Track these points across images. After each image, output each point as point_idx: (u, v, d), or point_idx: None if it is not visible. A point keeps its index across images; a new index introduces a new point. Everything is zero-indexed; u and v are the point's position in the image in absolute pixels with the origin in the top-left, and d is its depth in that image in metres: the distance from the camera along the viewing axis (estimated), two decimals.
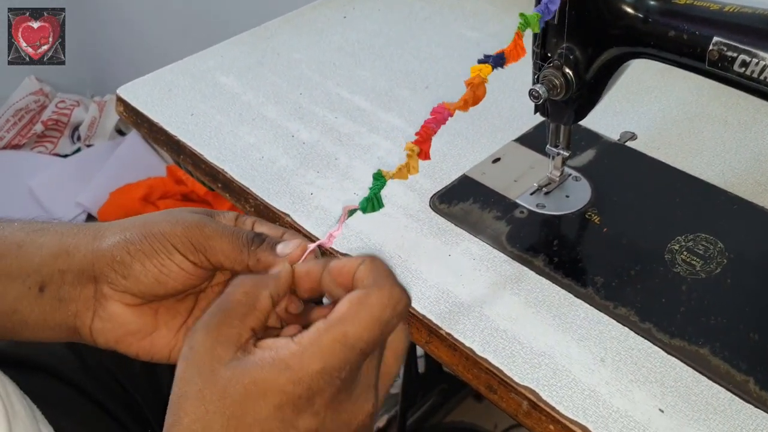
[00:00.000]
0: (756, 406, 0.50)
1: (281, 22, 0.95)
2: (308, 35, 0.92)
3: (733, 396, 0.51)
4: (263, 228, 0.45)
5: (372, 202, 0.44)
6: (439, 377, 1.28)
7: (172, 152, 0.78)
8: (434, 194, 0.68)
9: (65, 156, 1.93)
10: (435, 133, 0.46)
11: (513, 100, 0.78)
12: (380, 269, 0.39)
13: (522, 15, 0.49)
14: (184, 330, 0.46)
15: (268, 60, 0.88)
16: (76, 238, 0.44)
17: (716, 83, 0.51)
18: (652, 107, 0.77)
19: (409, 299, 0.38)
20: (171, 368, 0.65)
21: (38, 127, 1.92)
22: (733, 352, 0.53)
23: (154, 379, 0.65)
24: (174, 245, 0.42)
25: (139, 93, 0.82)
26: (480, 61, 0.49)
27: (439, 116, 0.46)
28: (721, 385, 0.52)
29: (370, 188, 0.44)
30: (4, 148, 1.91)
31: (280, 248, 0.42)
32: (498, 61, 0.48)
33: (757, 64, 0.47)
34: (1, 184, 1.78)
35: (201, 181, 0.77)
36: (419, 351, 1.24)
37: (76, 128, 1.97)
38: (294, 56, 0.88)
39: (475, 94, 0.47)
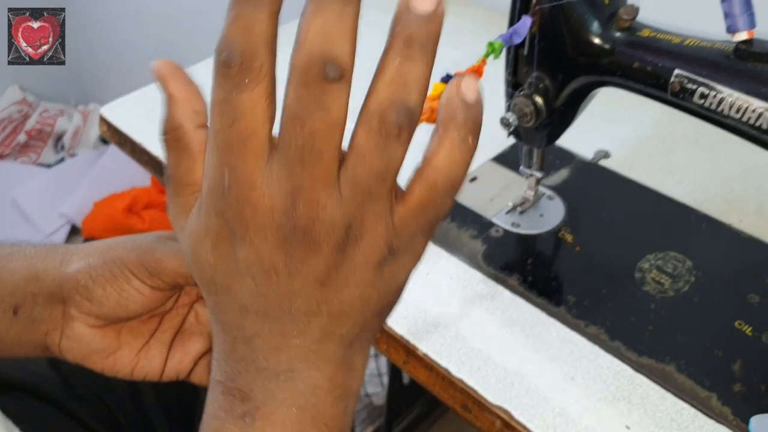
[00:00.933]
0: (718, 421, 0.52)
1: None
2: (289, 50, 0.93)
3: (697, 412, 0.53)
4: None
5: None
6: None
7: (155, 171, 0.80)
8: None
9: (49, 166, 1.93)
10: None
11: (489, 120, 0.79)
12: None
13: (489, 44, 0.51)
14: (145, 351, 0.47)
15: None
16: (44, 263, 0.46)
17: None
18: (625, 126, 0.80)
19: None
20: (155, 389, 0.67)
21: (22, 137, 1.93)
22: (697, 369, 0.56)
23: (138, 399, 0.66)
24: (131, 271, 0.43)
25: (123, 113, 0.83)
26: (443, 80, 0.51)
27: None
28: (686, 401, 0.54)
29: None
30: None
31: None
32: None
33: (714, 96, 0.49)
34: None
35: None
36: None
37: (59, 138, 1.98)
38: (278, 74, 0.90)
39: (433, 114, 0.49)
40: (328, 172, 0.29)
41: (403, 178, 0.33)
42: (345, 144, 0.30)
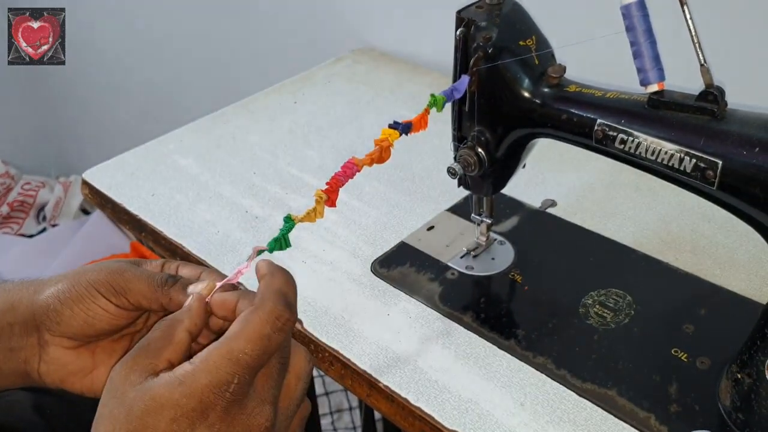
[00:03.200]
0: None
1: (237, 108, 1.03)
2: (261, 119, 1.00)
3: (637, 431, 0.58)
4: (186, 269, 0.51)
5: (280, 242, 0.49)
6: None
7: (134, 230, 0.85)
8: (375, 260, 0.75)
9: (31, 236, 1.96)
10: (343, 185, 0.53)
11: (445, 174, 0.86)
12: (271, 286, 0.44)
13: (432, 96, 0.58)
14: None
15: (224, 143, 0.95)
16: (19, 294, 0.50)
17: None
18: (571, 176, 0.86)
19: (292, 316, 0.43)
20: None
21: (4, 209, 1.97)
22: (637, 393, 0.60)
23: None
24: (98, 290, 0.48)
25: (103, 177, 0.89)
26: (390, 126, 0.57)
27: (348, 171, 0.53)
28: (626, 422, 0.58)
29: (281, 230, 0.50)
30: None
31: (191, 288, 0.48)
32: (405, 128, 0.56)
33: (632, 141, 0.55)
34: None
35: (161, 256, 0.82)
36: (377, 414, 1.28)
37: (41, 209, 2.02)
38: (248, 139, 0.96)
39: (381, 155, 0.55)
40: None
41: (339, 235, 0.38)
42: None
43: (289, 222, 0.50)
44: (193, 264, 0.52)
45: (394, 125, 0.55)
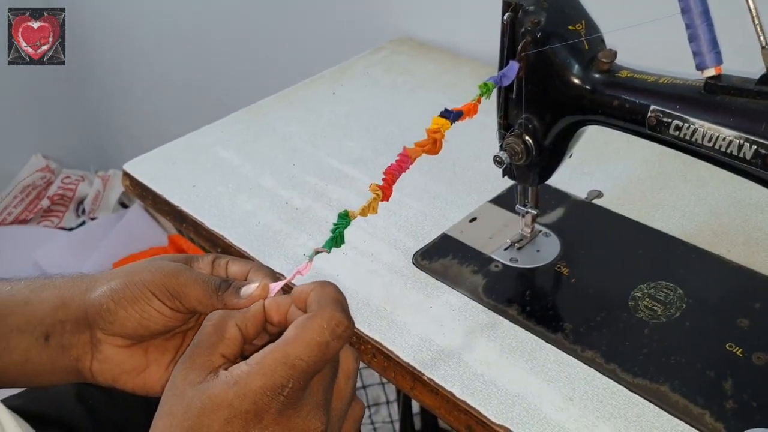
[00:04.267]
0: None
1: (276, 99, 1.02)
2: (301, 110, 1.00)
3: (692, 428, 0.56)
4: (236, 266, 0.50)
5: (336, 240, 0.49)
6: None
7: (174, 221, 0.85)
8: (417, 252, 0.74)
9: (70, 229, 1.99)
10: (397, 179, 0.52)
11: (487, 165, 0.84)
12: (327, 294, 0.43)
13: (484, 84, 0.57)
14: (174, 365, 0.51)
15: (264, 134, 0.95)
16: (71, 291, 0.50)
17: None
18: (617, 167, 0.84)
19: (351, 324, 0.43)
20: None
21: (44, 203, 2.00)
22: (690, 389, 0.58)
23: None
24: (153, 292, 0.47)
25: (144, 168, 0.89)
26: (441, 115, 0.56)
27: (403, 164, 0.52)
28: (680, 419, 0.56)
29: (335, 225, 0.49)
30: (12, 223, 1.98)
31: (243, 291, 0.47)
32: (456, 117, 0.55)
33: (688, 128, 0.53)
34: (8, 257, 1.83)
35: (202, 247, 0.82)
36: (415, 408, 1.27)
37: (80, 202, 2.05)
38: (288, 130, 0.96)
39: (434, 146, 0.54)
40: None
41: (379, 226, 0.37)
42: None
43: (345, 219, 0.49)
44: (241, 260, 0.51)
45: (445, 113, 0.54)
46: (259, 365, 0.40)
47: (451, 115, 0.55)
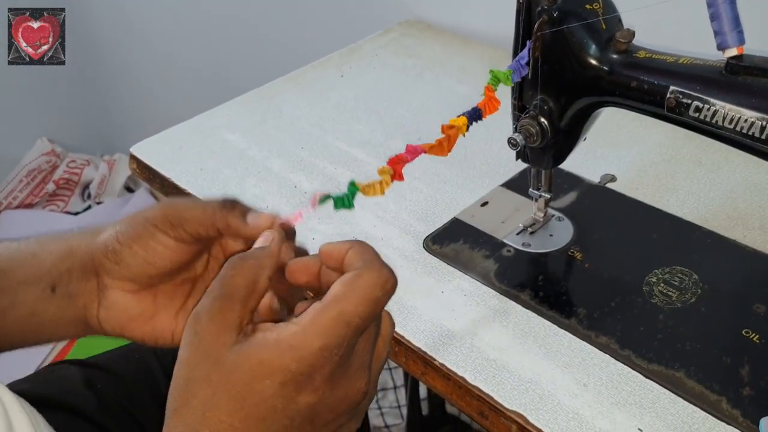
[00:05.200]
0: (728, 423, 0.54)
1: (283, 82, 1.01)
2: (308, 93, 0.98)
3: (707, 415, 0.55)
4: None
5: (344, 200, 0.47)
6: (443, 419, 1.30)
7: None
8: (427, 236, 0.73)
9: (76, 214, 1.98)
10: (408, 161, 0.51)
11: (499, 148, 0.83)
12: (368, 252, 0.42)
13: (492, 72, 0.55)
14: (183, 313, 0.50)
15: (271, 117, 0.94)
16: (78, 239, 0.49)
17: None
18: (630, 151, 0.83)
19: (395, 279, 0.41)
20: None
21: (50, 187, 1.99)
22: (706, 375, 0.57)
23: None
24: (154, 225, 0.46)
25: (151, 151, 0.88)
26: (466, 114, 0.55)
27: (414, 152, 0.51)
28: (696, 405, 0.56)
29: (348, 190, 0.48)
30: (18, 207, 1.97)
31: (250, 218, 0.46)
32: (474, 114, 0.53)
33: (708, 109, 0.52)
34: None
35: None
36: (422, 393, 1.27)
37: (86, 186, 2.04)
38: (295, 113, 0.94)
39: (449, 142, 0.53)
40: None
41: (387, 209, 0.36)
42: None
43: (354, 187, 0.48)
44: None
45: (471, 113, 0.53)
46: (314, 326, 0.38)
47: (469, 115, 0.53)
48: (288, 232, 0.47)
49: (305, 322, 0.38)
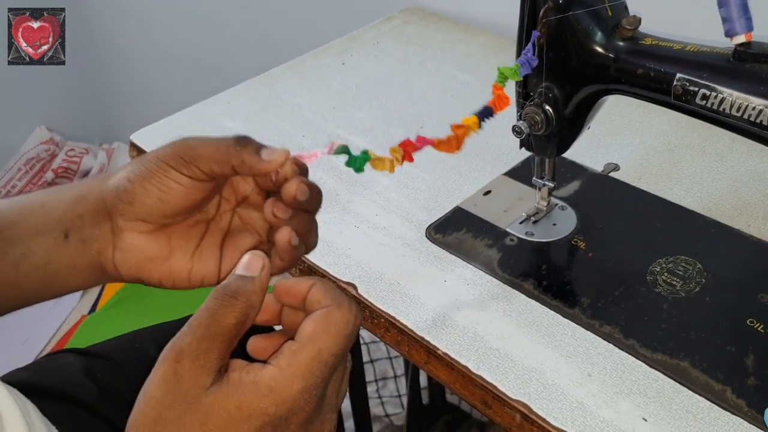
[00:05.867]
0: (733, 413, 0.54)
1: (284, 69, 1.00)
2: (309, 81, 0.98)
3: (712, 404, 0.55)
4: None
5: (356, 161, 0.48)
6: (443, 408, 1.30)
7: None
8: (430, 225, 0.72)
9: None
10: (418, 149, 0.51)
11: (501, 137, 0.82)
12: (333, 288, 0.41)
13: (500, 69, 0.54)
14: (198, 254, 0.49)
15: (272, 105, 0.93)
16: (88, 185, 0.49)
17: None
18: (633, 140, 0.82)
19: (360, 315, 0.41)
20: None
21: (49, 175, 1.98)
22: (711, 364, 0.57)
23: None
24: (167, 163, 0.45)
25: (152, 138, 0.87)
26: (478, 114, 0.54)
27: (423, 142, 0.51)
28: (701, 395, 0.55)
29: (361, 155, 0.49)
30: (16, 195, 1.97)
31: (265, 153, 0.45)
32: (486, 113, 0.53)
33: (715, 97, 0.52)
34: None
35: None
36: (423, 382, 1.27)
37: (85, 175, 2.03)
38: (296, 101, 0.94)
39: (458, 141, 0.52)
40: None
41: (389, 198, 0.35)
42: None
43: (366, 155, 0.48)
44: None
45: (483, 112, 0.52)
46: (294, 367, 0.37)
47: (480, 114, 0.53)
48: (301, 168, 0.47)
49: (283, 363, 0.38)
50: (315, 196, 0.48)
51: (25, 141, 2.01)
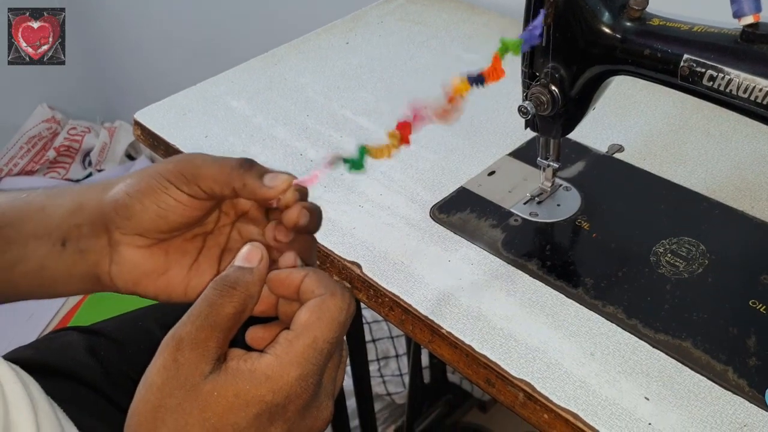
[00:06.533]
0: (734, 393, 0.54)
1: (287, 49, 1.00)
2: (313, 60, 0.97)
3: (714, 384, 0.55)
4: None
5: (356, 163, 0.48)
6: (445, 387, 1.31)
7: None
8: (434, 205, 0.72)
9: (77, 181, 1.98)
10: (416, 127, 0.51)
11: (506, 117, 0.83)
12: (326, 277, 0.42)
13: (502, 40, 0.54)
14: (196, 268, 0.49)
15: (276, 84, 0.93)
16: (88, 193, 0.48)
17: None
18: (638, 121, 0.82)
19: (354, 302, 0.42)
20: None
21: (51, 154, 1.98)
22: (713, 345, 0.57)
23: None
24: (168, 179, 0.45)
25: (156, 117, 0.87)
26: (469, 78, 0.54)
27: (421, 119, 0.51)
28: (703, 375, 0.56)
29: (358, 153, 0.48)
30: (18, 174, 1.97)
31: (268, 179, 0.45)
32: (478, 81, 0.53)
33: (723, 78, 0.52)
34: None
35: None
36: (425, 361, 1.28)
37: (87, 154, 2.03)
38: (300, 80, 0.93)
39: (450, 111, 0.52)
40: None
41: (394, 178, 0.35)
42: None
43: (364, 150, 0.47)
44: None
45: (473, 79, 0.52)
46: (290, 354, 0.38)
47: (472, 80, 0.52)
48: (302, 193, 0.47)
49: (280, 351, 0.38)
50: (315, 218, 0.48)
51: (26, 119, 2.01)
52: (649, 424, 0.52)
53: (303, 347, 0.38)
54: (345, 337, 0.44)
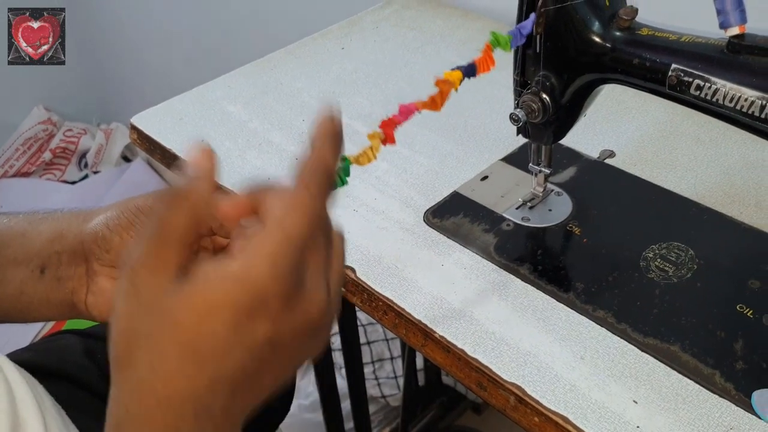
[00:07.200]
0: (721, 396, 0.55)
1: (283, 54, 1.01)
2: (309, 65, 0.98)
3: (701, 387, 0.56)
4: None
5: (341, 178, 0.46)
6: (439, 390, 1.32)
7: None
8: (428, 209, 0.73)
9: (73, 182, 1.98)
10: (400, 123, 0.51)
11: (499, 123, 0.84)
12: (288, 187, 0.38)
13: (493, 33, 0.55)
14: None
15: (271, 89, 0.94)
16: (68, 222, 0.49)
17: None
18: (629, 127, 0.83)
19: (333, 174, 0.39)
20: None
21: (47, 155, 1.98)
22: (701, 349, 0.59)
23: None
24: (146, 215, 0.46)
25: (152, 121, 0.88)
26: (461, 69, 0.55)
27: (406, 112, 0.51)
28: (690, 378, 0.57)
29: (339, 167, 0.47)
30: (14, 175, 1.97)
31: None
32: (469, 70, 0.54)
33: (709, 88, 0.53)
34: (10, 210, 1.83)
35: None
36: (419, 364, 1.28)
37: (83, 155, 2.03)
38: (296, 85, 0.94)
39: (441, 98, 0.53)
40: None
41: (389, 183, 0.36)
42: None
43: (345, 160, 0.48)
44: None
45: (465, 69, 0.53)
46: (261, 254, 0.34)
47: (464, 69, 0.53)
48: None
49: (250, 250, 0.34)
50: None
51: (22, 121, 2.01)
52: (638, 427, 0.53)
53: (274, 245, 0.34)
54: (332, 226, 0.41)
